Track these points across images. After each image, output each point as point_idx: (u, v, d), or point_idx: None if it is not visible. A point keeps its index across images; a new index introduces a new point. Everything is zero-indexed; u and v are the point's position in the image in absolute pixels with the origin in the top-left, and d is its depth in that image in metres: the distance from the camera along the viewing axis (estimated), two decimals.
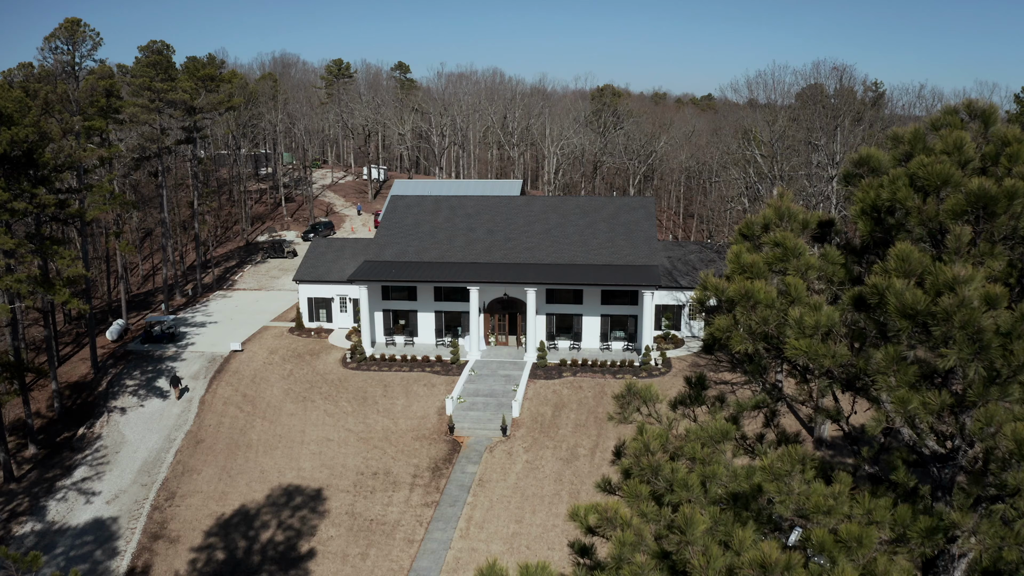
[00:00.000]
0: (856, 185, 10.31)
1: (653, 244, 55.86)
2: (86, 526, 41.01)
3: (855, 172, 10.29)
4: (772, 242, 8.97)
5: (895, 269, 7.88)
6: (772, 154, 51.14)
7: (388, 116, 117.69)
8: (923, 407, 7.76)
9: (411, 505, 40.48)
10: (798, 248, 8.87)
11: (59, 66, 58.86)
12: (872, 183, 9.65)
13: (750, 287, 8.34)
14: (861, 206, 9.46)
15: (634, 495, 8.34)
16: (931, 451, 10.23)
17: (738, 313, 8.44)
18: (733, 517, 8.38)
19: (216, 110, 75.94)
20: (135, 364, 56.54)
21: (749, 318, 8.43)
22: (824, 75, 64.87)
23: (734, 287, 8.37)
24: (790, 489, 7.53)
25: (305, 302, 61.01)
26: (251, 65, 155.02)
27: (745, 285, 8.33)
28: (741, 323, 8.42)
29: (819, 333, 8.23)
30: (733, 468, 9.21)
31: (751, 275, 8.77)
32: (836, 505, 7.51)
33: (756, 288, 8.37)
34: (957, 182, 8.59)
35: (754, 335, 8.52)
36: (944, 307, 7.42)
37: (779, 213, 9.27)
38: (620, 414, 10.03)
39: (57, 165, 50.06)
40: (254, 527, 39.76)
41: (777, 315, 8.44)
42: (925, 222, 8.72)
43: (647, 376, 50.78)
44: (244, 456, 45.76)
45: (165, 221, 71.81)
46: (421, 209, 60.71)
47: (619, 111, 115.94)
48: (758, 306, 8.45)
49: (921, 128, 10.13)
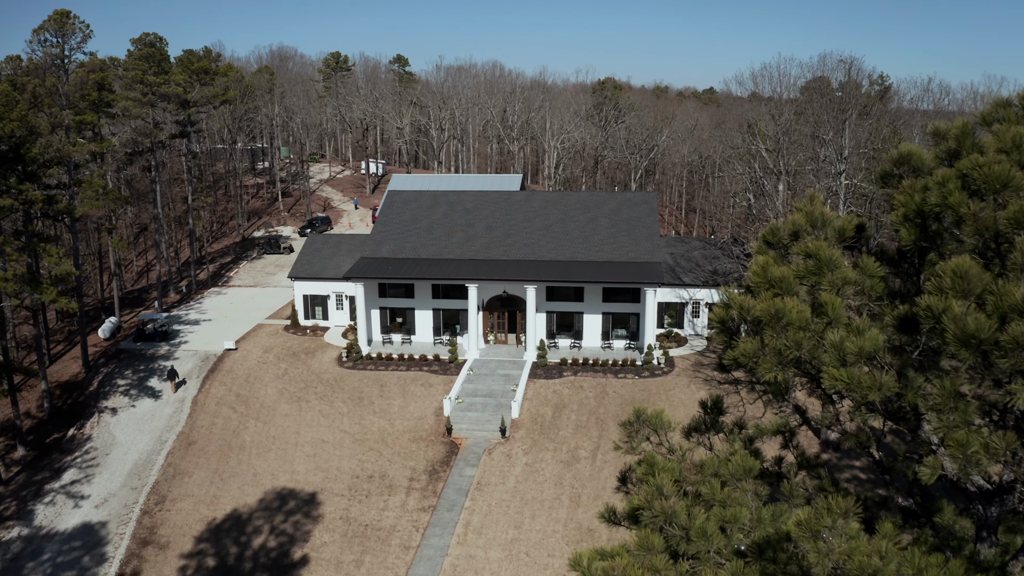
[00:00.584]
0: (894, 187, 9.16)
1: (655, 240, 54.68)
2: (74, 531, 39.97)
3: (894, 172, 9.13)
4: (803, 252, 7.81)
5: (952, 288, 6.73)
6: (777, 148, 49.90)
7: (386, 110, 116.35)
8: (985, 451, 6.62)
9: (407, 510, 39.41)
10: (834, 260, 7.72)
11: (48, 59, 57.58)
12: (914, 185, 8.50)
13: (781, 306, 7.19)
14: (904, 211, 8.30)
15: (645, 547, 7.20)
16: (977, 487, 9.10)
17: (767, 336, 7.29)
18: (759, 572, 7.25)
19: (211, 104, 74.67)
20: (127, 363, 55.43)
21: (779, 341, 7.28)
22: (831, 68, 63.61)
23: (762, 306, 7.23)
24: (830, 548, 6.41)
25: (301, 299, 59.86)
26: (248, 58, 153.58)
27: (775, 303, 7.18)
28: (769, 347, 7.27)
29: (862, 360, 7.08)
30: (757, 510, 8.08)
31: (780, 291, 7.61)
32: (883, 567, 6.38)
33: (788, 307, 7.22)
34: (1019, 185, 7.44)
35: (785, 361, 7.37)
36: (1014, 336, 6.28)
37: (811, 219, 8.11)
38: (628, 444, 8.89)
39: (46, 160, 48.89)
40: (246, 532, 38.71)
41: (811, 338, 7.29)
42: (981, 231, 7.57)
43: (649, 376, 49.67)
44: (237, 458, 44.69)
45: (159, 217, 70.62)
46: (419, 204, 59.51)
47: (620, 104, 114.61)
48: (790, 328, 7.30)
49: (969, 122, 8.98)
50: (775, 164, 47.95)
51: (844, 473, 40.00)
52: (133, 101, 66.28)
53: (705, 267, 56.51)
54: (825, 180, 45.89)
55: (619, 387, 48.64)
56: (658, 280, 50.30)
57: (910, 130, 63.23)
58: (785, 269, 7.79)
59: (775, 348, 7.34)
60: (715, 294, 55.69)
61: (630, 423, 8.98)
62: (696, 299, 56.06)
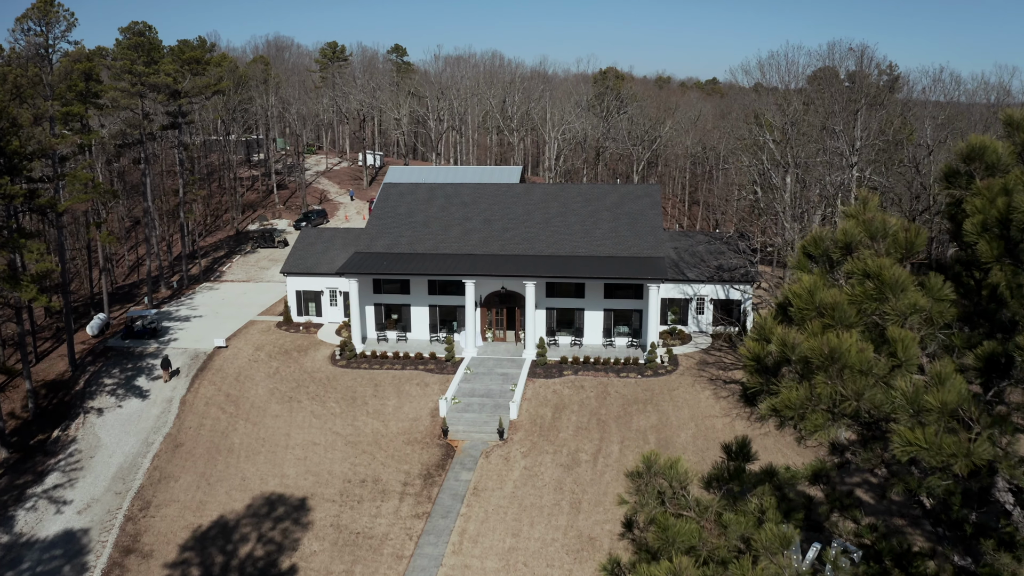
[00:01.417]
0: (963, 187, 7.47)
1: (659, 234, 52.96)
2: (55, 538, 38.44)
3: (963, 170, 7.44)
4: (861, 271, 6.13)
5: None
6: (785, 140, 48.11)
7: (384, 101, 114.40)
8: None
9: (400, 516, 37.85)
10: (901, 282, 6.04)
11: (31, 48, 55.75)
12: (992, 186, 6.81)
13: (837, 344, 5.52)
14: (982, 218, 6.62)
15: None
16: None
17: (818, 382, 5.63)
18: None
19: (202, 94, 72.83)
20: (114, 361, 53.85)
21: (834, 389, 5.61)
22: (840, 56, 61.72)
23: (813, 343, 5.58)
24: None
25: (293, 295, 58.23)
26: (244, 49, 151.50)
27: (830, 341, 5.52)
28: (822, 396, 5.62)
29: (944, 418, 5.41)
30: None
31: (832, 321, 5.94)
32: None
33: (846, 345, 5.55)
34: None
35: (839, 414, 5.70)
36: None
37: (869, 228, 6.42)
38: (636, 500, 7.25)
39: (28, 153, 47.19)
40: (232, 541, 37.17)
41: (876, 386, 5.62)
42: None
43: (652, 375, 48.04)
44: (225, 461, 43.13)
45: (149, 210, 68.92)
46: (415, 197, 57.79)
47: (622, 95, 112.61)
48: (847, 372, 5.63)
49: None
50: (783, 156, 46.17)
51: (853, 480, 38.38)
52: (121, 92, 64.58)
53: (710, 262, 54.80)
54: (837, 173, 44.13)
55: (621, 387, 47.03)
56: (662, 276, 48.63)
57: (921, 122, 61.34)
58: (837, 293, 6.11)
59: (830, 398, 5.68)
60: (720, 290, 54.00)
61: (638, 474, 7.35)
62: (701, 295, 54.38)
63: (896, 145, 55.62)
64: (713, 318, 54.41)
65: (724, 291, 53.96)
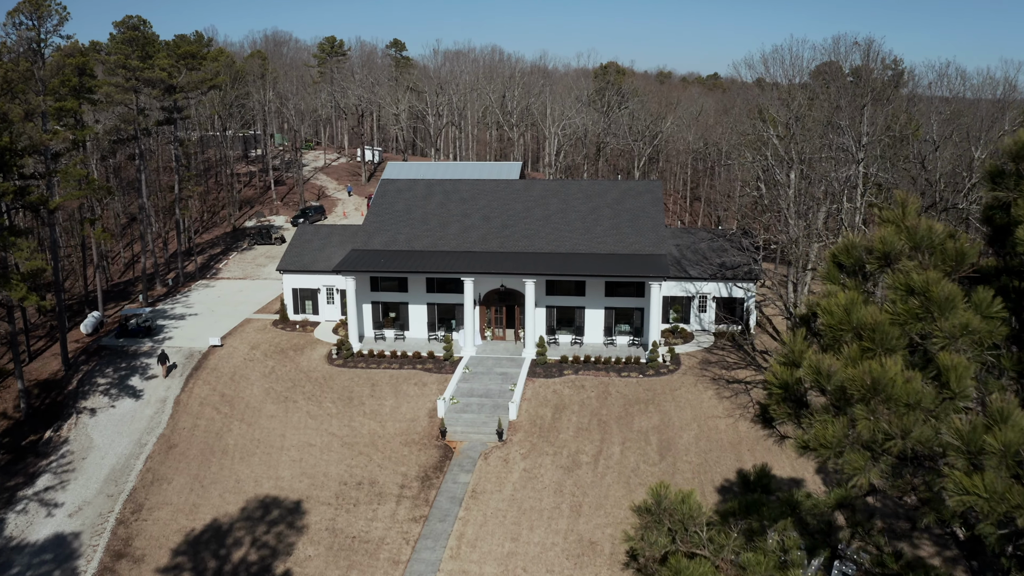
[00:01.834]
0: (1010, 188, 6.66)
1: (661, 231, 52.11)
2: (46, 542, 37.72)
3: (1011, 169, 6.62)
4: (904, 287, 5.32)
5: None
6: (789, 135, 47.23)
7: (383, 96, 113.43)
8: None
9: (397, 520, 37.10)
10: (951, 299, 5.23)
11: (23, 43, 54.82)
12: None
13: (880, 374, 4.72)
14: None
15: None
16: None
17: (859, 416, 4.82)
18: None
19: (198, 89, 71.91)
20: (108, 361, 53.07)
21: (877, 426, 4.81)
22: (845, 51, 60.74)
23: (852, 373, 4.78)
24: None
25: (290, 293, 57.42)
26: (242, 43, 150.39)
27: (872, 370, 4.71)
28: (863, 432, 4.81)
29: (1007, 461, 4.61)
30: None
31: (872, 344, 5.13)
32: None
33: (889, 375, 4.74)
34: None
35: (881, 453, 4.90)
36: None
37: (913, 237, 5.60)
38: (643, 539, 6.45)
39: (19, 149, 46.35)
40: (226, 545, 36.43)
41: (925, 422, 4.81)
42: None
43: (654, 374, 47.25)
44: (219, 463, 42.37)
45: (144, 207, 68.06)
46: (413, 194, 56.93)
47: (623, 90, 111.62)
48: (892, 404, 4.82)
49: None
50: (787, 151, 45.30)
51: None
52: (116, 87, 63.68)
53: (713, 259, 53.96)
54: (842, 169, 43.25)
55: (622, 386, 46.24)
56: (664, 273, 47.81)
57: (927, 117, 60.44)
58: (877, 312, 5.30)
59: (873, 435, 4.87)
60: (722, 288, 53.16)
61: (647, 510, 6.55)
62: (703, 293, 53.55)
63: (902, 141, 54.76)
64: (716, 316, 53.59)
65: (727, 289, 53.14)
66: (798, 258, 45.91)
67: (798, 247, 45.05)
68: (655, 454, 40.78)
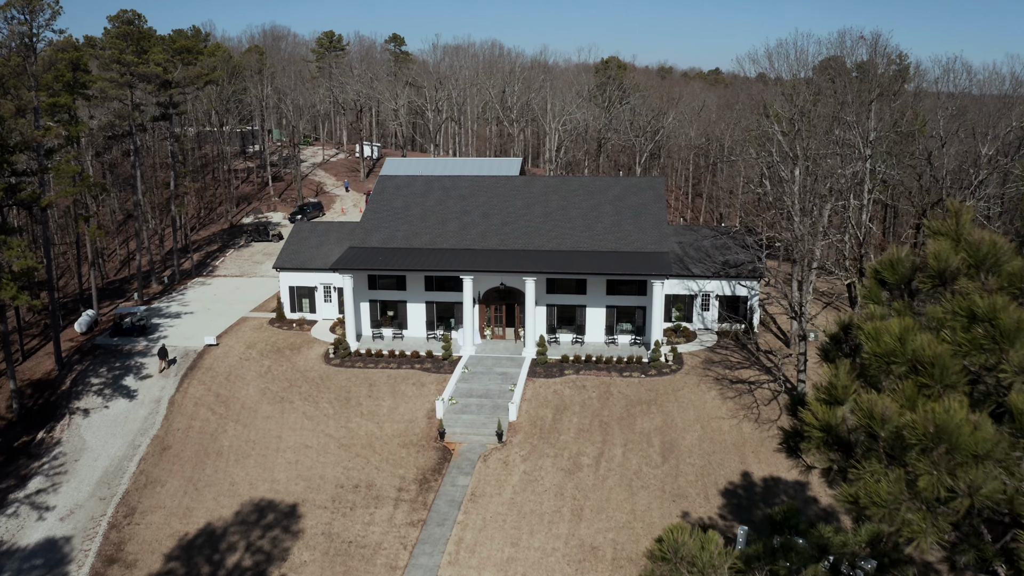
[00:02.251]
0: None
1: (663, 228, 51.29)
2: (37, 547, 36.97)
3: None
4: (966, 312, 4.52)
5: None
6: (793, 131, 46.37)
7: (381, 91, 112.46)
8: None
9: (394, 524, 36.35)
10: (1021, 327, 4.43)
11: (14, 38, 53.93)
12: None
13: (946, 420, 3.92)
14: None
15: None
16: None
17: (920, 469, 4.04)
18: None
19: (194, 84, 71.04)
20: (102, 360, 52.30)
21: (941, 481, 4.02)
22: (851, 46, 59.74)
23: (913, 418, 3.96)
24: None
25: (286, 291, 56.62)
26: (240, 38, 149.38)
27: (936, 415, 3.92)
28: (925, 489, 4.03)
29: None
30: None
31: (931, 380, 4.34)
32: None
33: (955, 422, 3.95)
34: None
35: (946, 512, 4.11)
36: None
37: (977, 254, 4.80)
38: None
39: (10, 146, 45.52)
40: (219, 550, 35.69)
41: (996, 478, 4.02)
42: None
43: (657, 374, 46.48)
44: (214, 465, 41.63)
45: (140, 203, 67.23)
46: (411, 190, 56.09)
47: (624, 85, 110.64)
48: (958, 454, 4.03)
49: None
50: (791, 148, 44.44)
51: None
52: (110, 82, 62.84)
53: (716, 257, 53.13)
54: (849, 165, 42.39)
55: (624, 387, 45.47)
56: (666, 271, 47.01)
57: (933, 113, 59.56)
58: (935, 342, 4.50)
59: (935, 490, 4.09)
60: (726, 286, 52.35)
61: (663, 558, 5.77)
62: (706, 291, 52.74)
63: (908, 137, 53.89)
64: (719, 315, 52.80)
65: (730, 287, 52.35)
66: (802, 256, 45.07)
67: (802, 245, 44.21)
68: (658, 456, 40.03)
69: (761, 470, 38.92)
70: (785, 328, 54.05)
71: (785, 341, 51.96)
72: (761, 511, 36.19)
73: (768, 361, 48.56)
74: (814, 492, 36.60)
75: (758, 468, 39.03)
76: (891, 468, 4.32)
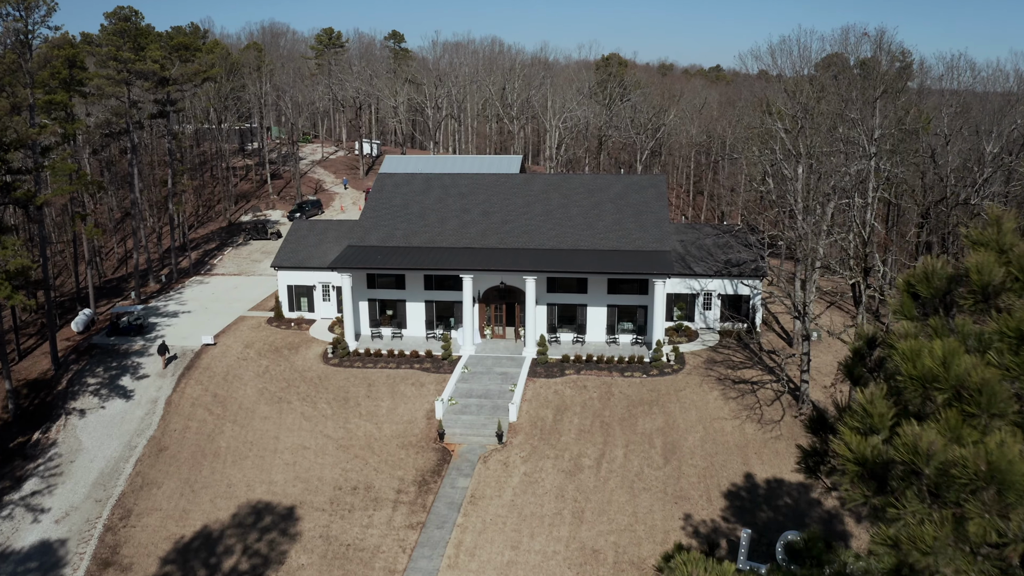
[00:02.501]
0: None
1: (664, 227, 50.80)
2: (31, 550, 36.57)
3: None
4: (1014, 332, 4.06)
5: None
6: (796, 128, 45.88)
7: (381, 88, 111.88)
8: None
9: (393, 527, 35.92)
10: None
11: (9, 34, 53.40)
12: None
13: (999, 456, 3.47)
14: None
15: None
16: None
17: (971, 512, 3.58)
18: None
19: (192, 81, 70.51)
20: (98, 360, 51.85)
21: (992, 525, 3.56)
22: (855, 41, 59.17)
23: (963, 455, 3.51)
24: None
25: (285, 290, 56.14)
26: (238, 35, 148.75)
27: (991, 453, 3.46)
28: (976, 534, 3.57)
29: None
30: None
31: (978, 409, 3.87)
32: None
33: (1007, 458, 3.49)
34: None
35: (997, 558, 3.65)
36: None
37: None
38: None
39: (4, 144, 45.03)
40: (216, 553, 35.27)
41: None
42: None
43: (658, 374, 46.03)
44: (211, 467, 41.19)
45: (137, 202, 66.74)
46: (410, 188, 55.59)
47: (625, 82, 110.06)
48: (1011, 493, 3.58)
49: None
50: (794, 145, 43.94)
51: None
52: (107, 79, 62.31)
53: (718, 256, 52.62)
54: (853, 163, 41.89)
55: (625, 387, 45.01)
56: (668, 270, 46.54)
57: (937, 110, 59.05)
58: (982, 366, 4.04)
59: (984, 535, 3.62)
60: (728, 285, 51.87)
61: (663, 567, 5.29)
62: (708, 290, 52.26)
63: (912, 135, 53.41)
64: (721, 314, 52.33)
65: (732, 286, 51.87)
66: (806, 255, 44.59)
67: (806, 243, 43.73)
68: (659, 457, 39.58)
69: (764, 471, 38.47)
70: (788, 328, 53.59)
71: (788, 341, 51.50)
72: (764, 513, 35.78)
73: (771, 361, 48.10)
74: (817, 495, 36.17)
75: (761, 469, 38.58)
76: (934, 507, 3.87)
